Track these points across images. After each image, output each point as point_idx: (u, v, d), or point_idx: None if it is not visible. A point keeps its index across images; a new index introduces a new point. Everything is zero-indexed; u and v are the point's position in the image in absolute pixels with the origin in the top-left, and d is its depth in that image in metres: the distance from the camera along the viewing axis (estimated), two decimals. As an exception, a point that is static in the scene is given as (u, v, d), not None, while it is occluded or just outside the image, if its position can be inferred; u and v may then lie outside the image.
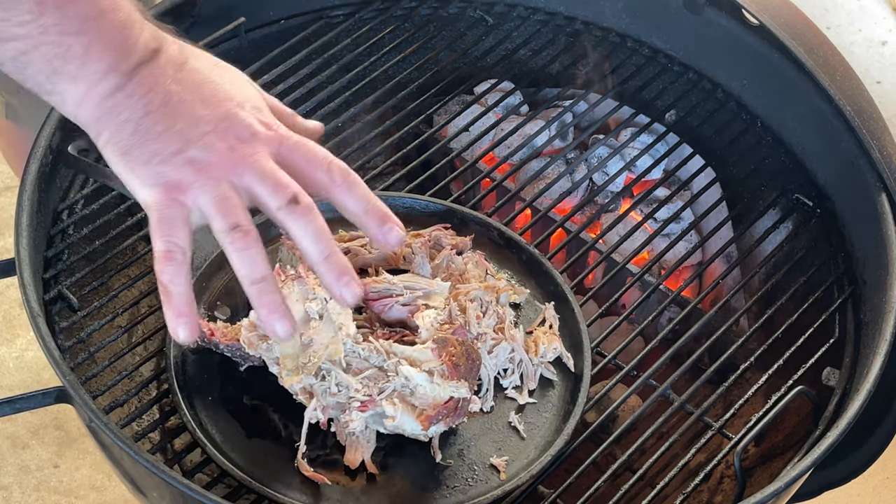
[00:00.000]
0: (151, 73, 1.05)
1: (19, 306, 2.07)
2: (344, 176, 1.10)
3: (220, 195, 1.05)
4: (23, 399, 1.19)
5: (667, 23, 1.65)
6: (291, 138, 1.10)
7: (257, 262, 1.05)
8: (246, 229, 1.05)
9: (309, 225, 1.06)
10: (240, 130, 1.07)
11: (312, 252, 1.06)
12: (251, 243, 1.05)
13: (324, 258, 1.06)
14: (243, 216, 1.05)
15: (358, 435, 1.18)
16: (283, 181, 1.06)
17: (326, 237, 1.07)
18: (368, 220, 1.10)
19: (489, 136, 1.61)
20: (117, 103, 1.04)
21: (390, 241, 1.10)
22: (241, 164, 1.05)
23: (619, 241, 1.48)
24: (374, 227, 1.10)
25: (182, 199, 1.05)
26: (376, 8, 1.67)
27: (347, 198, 1.10)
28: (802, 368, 1.31)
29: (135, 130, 1.04)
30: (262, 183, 1.06)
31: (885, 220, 1.38)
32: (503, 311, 1.29)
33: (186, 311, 1.05)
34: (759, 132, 1.60)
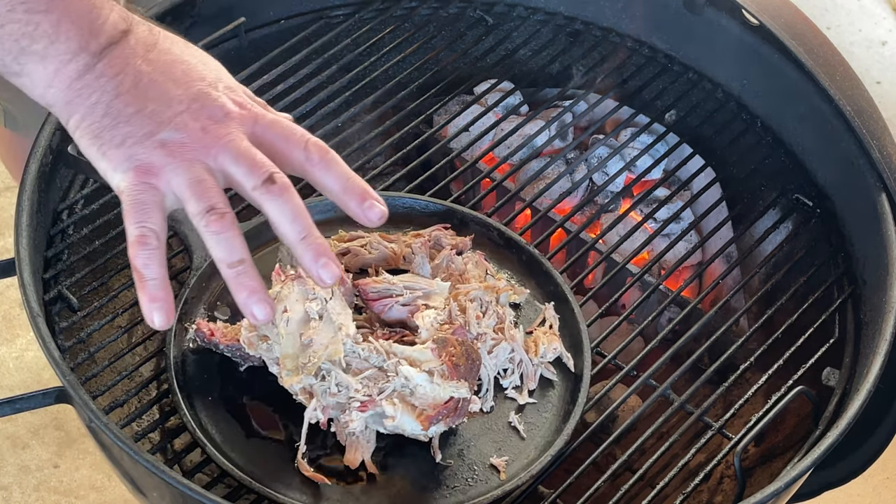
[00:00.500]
0: (121, 53, 1.04)
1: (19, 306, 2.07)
2: (321, 154, 1.08)
3: (193, 177, 1.03)
4: (23, 399, 1.19)
5: (667, 23, 1.65)
6: (266, 116, 1.08)
7: (234, 244, 1.03)
8: (221, 211, 1.03)
9: (285, 205, 1.04)
10: (213, 110, 1.05)
11: (289, 232, 1.05)
12: (227, 226, 1.03)
13: (301, 238, 1.05)
14: (218, 198, 1.03)
15: (358, 435, 1.18)
16: (259, 160, 1.04)
17: (304, 217, 1.05)
18: (348, 197, 1.08)
19: (489, 137, 1.61)
20: (87, 85, 1.02)
21: (371, 217, 1.08)
22: (215, 145, 1.04)
23: (618, 242, 1.48)
24: (354, 204, 1.08)
25: (155, 182, 1.03)
26: (376, 8, 1.67)
27: (325, 176, 1.08)
28: (802, 368, 1.31)
29: (105, 112, 1.03)
30: (237, 163, 1.04)
31: (885, 220, 1.38)
32: (503, 311, 1.29)
33: (161, 296, 1.03)
34: (758, 132, 1.60)
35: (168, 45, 1.08)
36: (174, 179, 1.03)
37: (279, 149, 1.07)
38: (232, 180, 1.05)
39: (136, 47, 1.05)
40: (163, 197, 1.04)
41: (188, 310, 1.28)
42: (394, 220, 1.39)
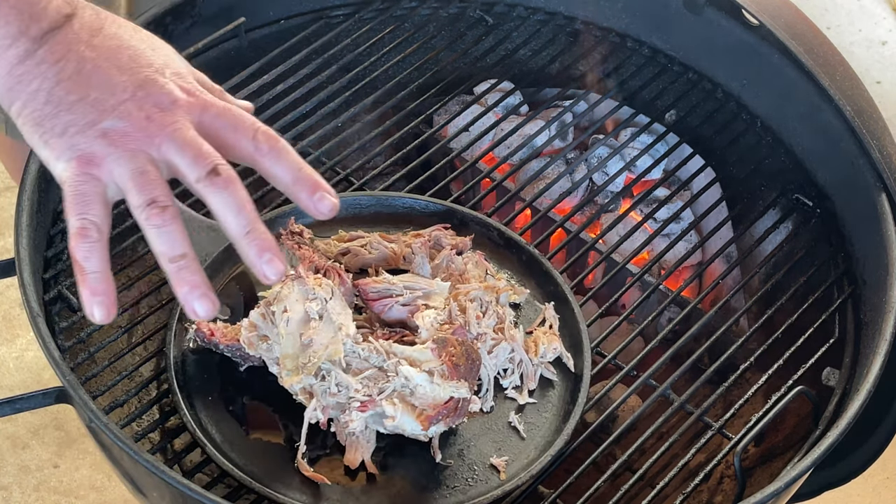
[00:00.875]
0: (64, 38, 1.01)
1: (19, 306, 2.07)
2: (271, 143, 1.04)
3: (136, 168, 0.99)
4: (23, 399, 1.19)
5: (667, 23, 1.65)
6: (216, 104, 1.05)
7: (176, 238, 1.00)
8: (163, 204, 0.99)
9: (230, 197, 1.01)
10: (159, 98, 1.02)
11: (233, 226, 1.01)
12: (168, 219, 1.00)
13: (245, 233, 1.02)
14: (160, 190, 1.00)
15: (358, 435, 1.18)
16: (203, 151, 1.01)
17: (248, 210, 1.01)
18: (298, 188, 1.04)
19: (489, 136, 1.61)
20: (27, 71, 1.00)
21: (322, 209, 1.05)
22: (159, 134, 1.00)
23: (618, 242, 1.48)
24: (304, 195, 1.04)
25: (97, 172, 1.00)
26: (376, 8, 1.67)
27: (275, 166, 1.04)
28: (802, 368, 1.31)
29: (47, 100, 1.00)
30: (181, 153, 1.00)
31: (885, 220, 1.38)
32: (503, 312, 1.29)
33: (102, 289, 1.00)
34: (758, 132, 1.60)
35: (115, 29, 1.04)
36: (116, 170, 0.99)
37: (227, 138, 1.04)
38: (176, 171, 1.02)
39: (81, 32, 1.02)
40: (105, 188, 1.00)
41: (188, 310, 1.27)
42: (394, 220, 1.40)
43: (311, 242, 1.31)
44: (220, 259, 1.31)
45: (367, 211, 1.41)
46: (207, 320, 1.07)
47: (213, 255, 1.31)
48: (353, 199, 1.41)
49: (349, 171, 1.51)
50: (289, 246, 1.28)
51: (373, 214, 1.41)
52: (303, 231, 1.31)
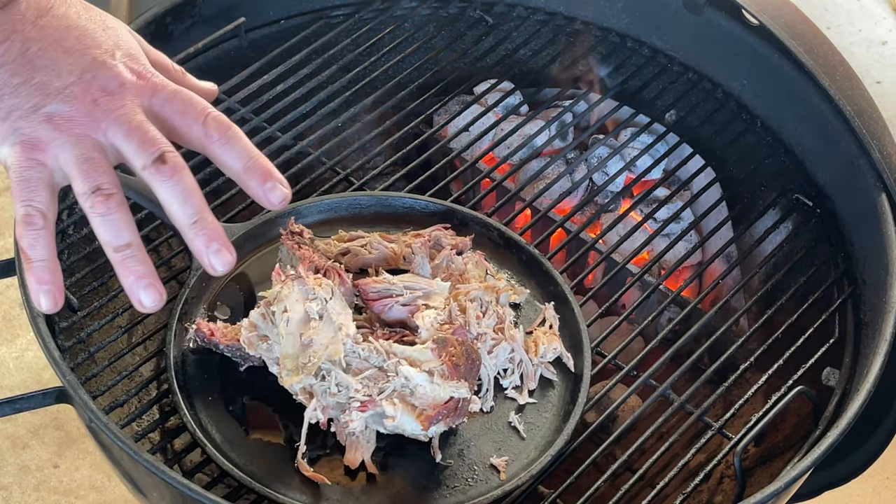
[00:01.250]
0: (8, 19, 0.98)
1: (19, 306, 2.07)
2: (222, 130, 1.01)
3: (81, 154, 0.97)
4: (23, 399, 1.19)
5: (667, 23, 1.66)
6: (166, 88, 1.02)
7: (120, 227, 0.98)
8: (108, 192, 0.97)
9: (176, 186, 0.98)
10: (106, 81, 0.99)
11: (179, 215, 0.99)
12: (113, 207, 0.97)
13: (192, 222, 0.99)
14: (106, 178, 0.97)
15: (358, 435, 1.18)
16: (150, 137, 0.98)
17: (195, 199, 0.99)
18: (248, 177, 1.01)
19: (489, 136, 1.61)
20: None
21: (272, 199, 1.02)
22: (105, 119, 0.98)
23: (618, 242, 1.47)
24: (255, 184, 1.01)
25: (41, 158, 0.97)
26: (376, 8, 1.67)
27: (225, 153, 1.01)
28: (802, 368, 1.31)
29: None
30: (128, 139, 0.98)
31: (885, 220, 1.38)
32: (503, 312, 1.29)
33: (48, 278, 0.99)
34: (758, 132, 1.60)
35: (63, 9, 1.01)
36: (61, 155, 0.97)
37: (177, 124, 1.01)
38: (122, 157, 0.99)
39: (27, 12, 0.99)
40: (51, 173, 0.98)
41: (188, 310, 1.28)
42: (394, 220, 1.40)
43: (311, 242, 1.31)
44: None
45: (367, 211, 1.41)
46: (154, 311, 1.02)
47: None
48: (353, 199, 1.41)
49: (349, 171, 1.51)
50: (289, 246, 1.28)
51: (373, 214, 1.41)
52: (303, 231, 1.31)
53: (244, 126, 1.48)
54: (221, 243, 1.00)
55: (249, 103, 1.52)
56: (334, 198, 1.41)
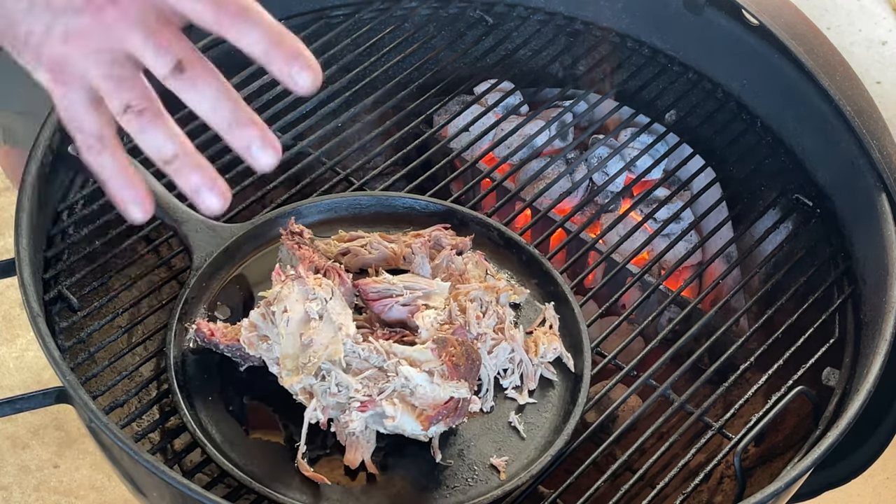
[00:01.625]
0: None
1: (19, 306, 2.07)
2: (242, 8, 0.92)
3: (103, 73, 0.91)
4: (23, 399, 1.19)
5: (667, 23, 1.65)
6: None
7: (160, 140, 0.92)
8: (139, 108, 0.91)
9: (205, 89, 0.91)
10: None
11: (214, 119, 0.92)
12: (146, 123, 0.91)
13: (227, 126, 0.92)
14: (134, 92, 0.91)
15: (358, 435, 1.18)
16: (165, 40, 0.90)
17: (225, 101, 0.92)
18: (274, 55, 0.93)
19: (489, 137, 1.61)
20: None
21: (300, 82, 0.95)
22: (118, 27, 0.91)
23: (619, 242, 1.47)
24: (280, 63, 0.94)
25: (71, 80, 0.91)
26: (376, 8, 1.67)
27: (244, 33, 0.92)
28: (802, 368, 1.31)
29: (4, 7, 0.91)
30: (145, 46, 0.90)
31: (885, 220, 1.38)
32: (503, 312, 1.29)
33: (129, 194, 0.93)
34: (758, 132, 1.60)
35: None
36: (87, 75, 0.91)
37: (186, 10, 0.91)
38: (143, 64, 0.91)
39: None
40: (87, 91, 0.92)
41: (188, 310, 1.28)
42: (394, 220, 1.40)
43: (311, 242, 1.31)
44: (220, 259, 1.31)
45: (367, 211, 1.41)
46: (219, 212, 0.96)
47: (214, 254, 1.31)
48: (353, 199, 1.41)
49: (349, 171, 1.51)
50: (289, 246, 1.28)
51: (373, 214, 1.41)
52: (303, 231, 1.31)
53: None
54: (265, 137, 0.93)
55: (250, 103, 1.50)
56: (334, 198, 1.41)
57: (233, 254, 1.33)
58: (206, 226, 1.32)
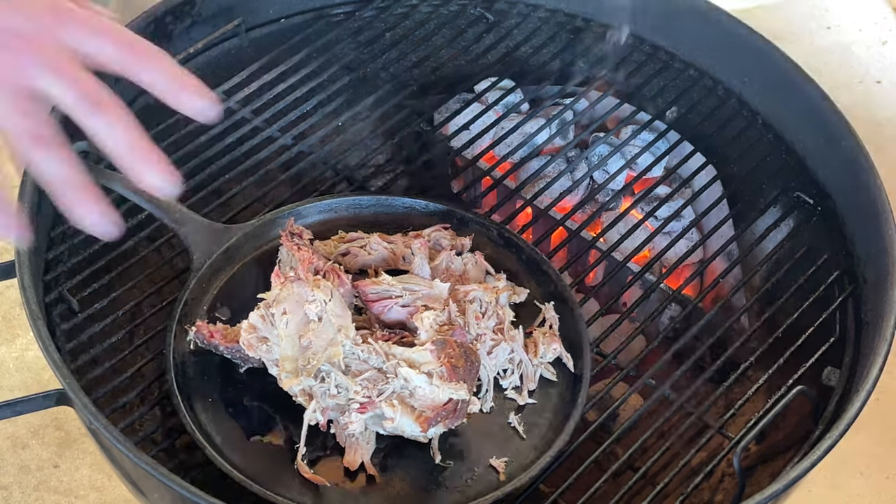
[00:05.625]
0: None
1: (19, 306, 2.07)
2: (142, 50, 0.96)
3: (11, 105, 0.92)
4: (23, 402, 1.19)
5: (667, 20, 1.65)
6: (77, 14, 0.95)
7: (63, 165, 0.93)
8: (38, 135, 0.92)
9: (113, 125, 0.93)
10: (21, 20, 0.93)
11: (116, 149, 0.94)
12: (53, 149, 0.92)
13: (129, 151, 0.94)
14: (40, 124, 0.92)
15: (357, 436, 1.18)
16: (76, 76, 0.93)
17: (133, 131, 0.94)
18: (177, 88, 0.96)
19: (490, 135, 1.61)
20: None
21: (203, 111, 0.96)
22: (27, 64, 0.92)
23: (619, 240, 1.47)
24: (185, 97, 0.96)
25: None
26: (377, 6, 1.67)
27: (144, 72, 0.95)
28: (803, 368, 1.31)
29: None
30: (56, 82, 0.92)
31: (887, 218, 1.38)
32: (503, 312, 1.29)
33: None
34: (760, 129, 1.60)
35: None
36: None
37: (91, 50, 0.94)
38: (53, 100, 0.93)
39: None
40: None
41: (188, 311, 1.28)
42: (394, 220, 1.40)
43: (310, 243, 1.31)
44: (219, 260, 1.31)
45: (367, 211, 1.41)
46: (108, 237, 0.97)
47: (214, 255, 1.31)
48: (353, 200, 1.41)
49: (349, 170, 1.51)
50: (288, 247, 1.28)
51: (373, 215, 1.41)
52: (302, 232, 1.32)
53: (245, 126, 1.49)
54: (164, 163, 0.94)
55: (249, 103, 1.52)
56: (334, 198, 1.41)
57: (232, 255, 1.33)
58: (205, 227, 1.32)
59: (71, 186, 0.94)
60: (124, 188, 1.32)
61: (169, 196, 0.96)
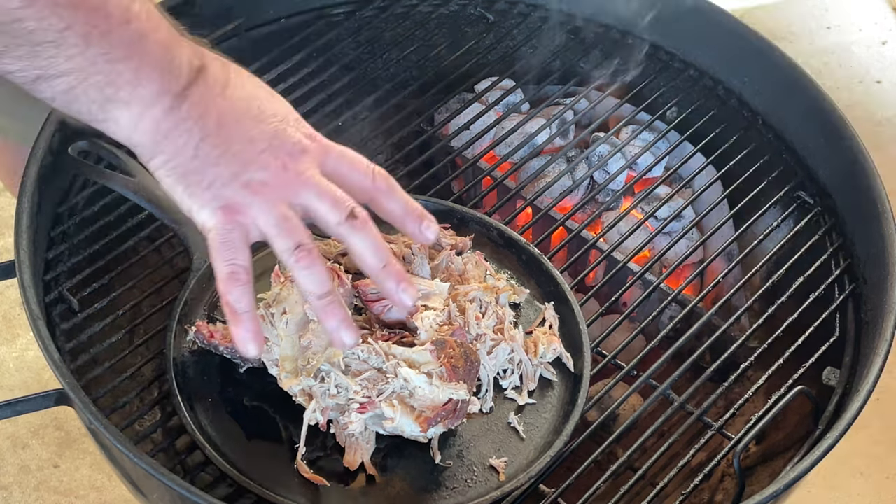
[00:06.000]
0: (202, 94, 1.05)
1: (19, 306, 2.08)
2: (387, 182, 1.14)
3: (279, 215, 1.06)
4: (23, 402, 1.19)
5: (667, 19, 1.65)
6: (335, 148, 1.12)
7: (323, 278, 1.08)
8: (309, 248, 1.07)
9: (367, 237, 1.09)
10: (290, 147, 1.08)
11: (371, 262, 1.10)
12: (315, 261, 1.07)
13: (382, 267, 1.11)
14: (304, 234, 1.07)
15: (357, 436, 1.18)
16: (340, 196, 1.08)
17: (384, 248, 1.11)
18: (409, 219, 1.15)
19: (490, 135, 1.61)
20: (174, 127, 1.03)
21: (428, 236, 1.15)
22: (296, 182, 1.07)
23: (620, 240, 1.47)
24: (413, 224, 1.15)
25: (241, 219, 1.06)
26: (377, 6, 1.67)
27: (389, 202, 1.14)
28: (803, 368, 1.31)
29: (195, 155, 1.04)
30: (320, 199, 1.08)
31: (887, 218, 1.38)
32: (503, 312, 1.29)
33: (255, 328, 1.08)
34: (760, 130, 1.60)
35: (240, 81, 1.10)
36: (260, 218, 1.06)
37: (348, 178, 1.11)
38: (315, 215, 1.09)
39: (214, 86, 1.06)
40: (248, 233, 1.07)
41: (188, 311, 1.28)
42: (394, 220, 1.40)
43: (310, 243, 1.30)
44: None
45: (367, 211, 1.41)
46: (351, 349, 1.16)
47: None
48: (354, 199, 1.41)
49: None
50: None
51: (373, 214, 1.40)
52: (302, 232, 1.31)
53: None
54: (408, 282, 1.12)
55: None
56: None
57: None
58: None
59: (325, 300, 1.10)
60: (124, 188, 1.32)
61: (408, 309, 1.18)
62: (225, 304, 1.07)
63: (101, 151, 1.37)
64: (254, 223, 1.06)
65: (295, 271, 1.08)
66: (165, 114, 1.03)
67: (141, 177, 1.33)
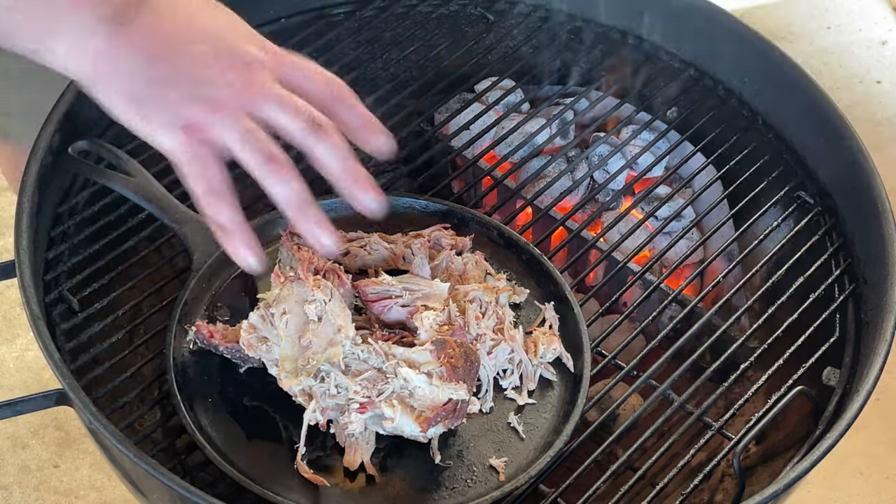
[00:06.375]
0: (145, 16, 1.03)
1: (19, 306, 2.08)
2: (344, 90, 1.13)
3: (244, 129, 1.04)
4: (23, 402, 1.19)
5: (667, 19, 1.65)
6: (289, 58, 1.11)
7: (299, 186, 1.07)
8: (280, 158, 1.05)
9: (334, 146, 1.08)
10: (245, 61, 1.06)
11: (339, 170, 1.08)
12: (289, 170, 1.06)
13: (349, 174, 1.09)
14: (273, 145, 1.05)
15: (357, 436, 1.18)
16: (301, 105, 1.07)
17: (352, 155, 1.09)
18: (365, 130, 1.13)
19: (490, 135, 1.61)
20: (116, 55, 1.01)
21: (381, 147, 1.13)
22: (255, 95, 1.05)
23: (620, 240, 1.47)
24: (368, 135, 1.13)
25: (205, 137, 1.04)
26: (377, 6, 1.67)
27: (348, 111, 1.12)
28: (803, 368, 1.31)
29: (145, 79, 1.02)
30: (282, 110, 1.06)
31: (887, 218, 1.38)
32: (503, 312, 1.29)
33: (249, 239, 1.07)
34: (760, 129, 1.60)
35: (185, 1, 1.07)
36: (224, 134, 1.04)
37: (306, 88, 1.10)
38: (277, 126, 1.07)
39: (158, 8, 1.04)
40: (217, 150, 1.05)
41: (188, 311, 1.28)
42: (394, 220, 1.40)
43: (310, 243, 1.30)
44: (219, 260, 1.31)
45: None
46: (335, 255, 1.13)
47: (213, 255, 1.31)
48: (354, 199, 1.41)
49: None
50: (288, 247, 1.28)
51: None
52: (302, 232, 1.31)
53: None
54: (377, 190, 1.10)
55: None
56: (334, 198, 1.41)
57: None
58: (205, 226, 1.31)
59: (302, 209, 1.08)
60: (124, 188, 1.32)
61: (376, 216, 1.11)
62: (211, 222, 1.05)
63: (101, 151, 1.37)
64: (220, 140, 1.04)
65: (268, 185, 1.06)
66: (107, 40, 1.01)
67: (141, 177, 1.33)
